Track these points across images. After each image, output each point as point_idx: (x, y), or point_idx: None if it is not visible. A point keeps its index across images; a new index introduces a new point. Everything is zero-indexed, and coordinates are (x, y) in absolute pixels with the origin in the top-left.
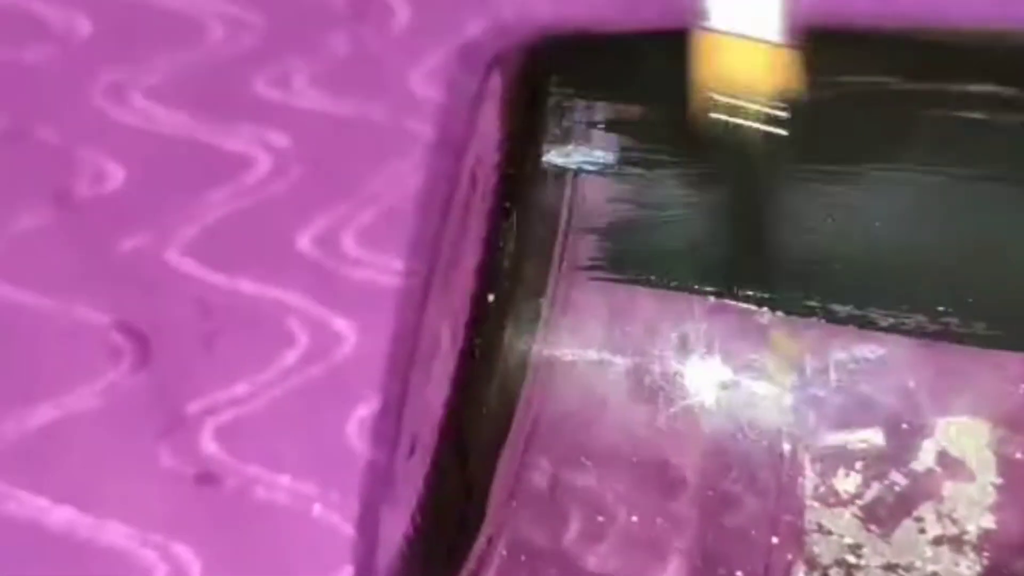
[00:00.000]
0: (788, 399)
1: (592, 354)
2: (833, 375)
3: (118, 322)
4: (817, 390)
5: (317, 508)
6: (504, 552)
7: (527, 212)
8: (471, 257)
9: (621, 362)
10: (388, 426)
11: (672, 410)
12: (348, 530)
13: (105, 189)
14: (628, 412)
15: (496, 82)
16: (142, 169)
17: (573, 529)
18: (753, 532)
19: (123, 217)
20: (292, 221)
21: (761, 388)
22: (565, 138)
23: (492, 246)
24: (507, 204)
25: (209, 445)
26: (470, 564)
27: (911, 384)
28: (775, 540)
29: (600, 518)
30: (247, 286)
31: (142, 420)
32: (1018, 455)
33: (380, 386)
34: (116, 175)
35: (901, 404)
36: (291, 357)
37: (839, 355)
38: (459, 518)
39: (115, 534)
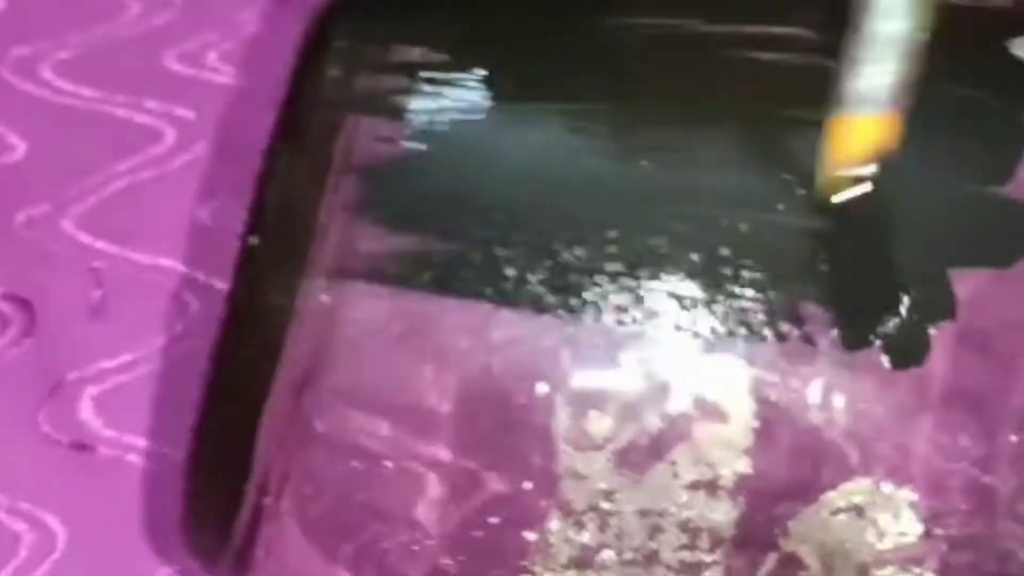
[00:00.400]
0: (543, 340)
1: (357, 298)
2: (588, 315)
3: (5, 292)
4: (572, 329)
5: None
6: (278, 497)
7: (299, 153)
8: None
9: (382, 306)
10: None
11: (430, 354)
12: None
13: (7, 160)
14: (390, 356)
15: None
16: (45, 142)
17: (342, 469)
18: (506, 477)
19: (22, 189)
20: (192, 194)
21: (516, 329)
22: (344, 81)
23: (261, 186)
24: (278, 144)
25: (86, 413)
26: (246, 510)
27: None
28: (528, 486)
29: (364, 460)
30: (140, 256)
31: (25, 388)
32: (772, 398)
33: None
34: (18, 147)
35: (654, 344)
36: (179, 327)
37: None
38: (229, 462)
39: None
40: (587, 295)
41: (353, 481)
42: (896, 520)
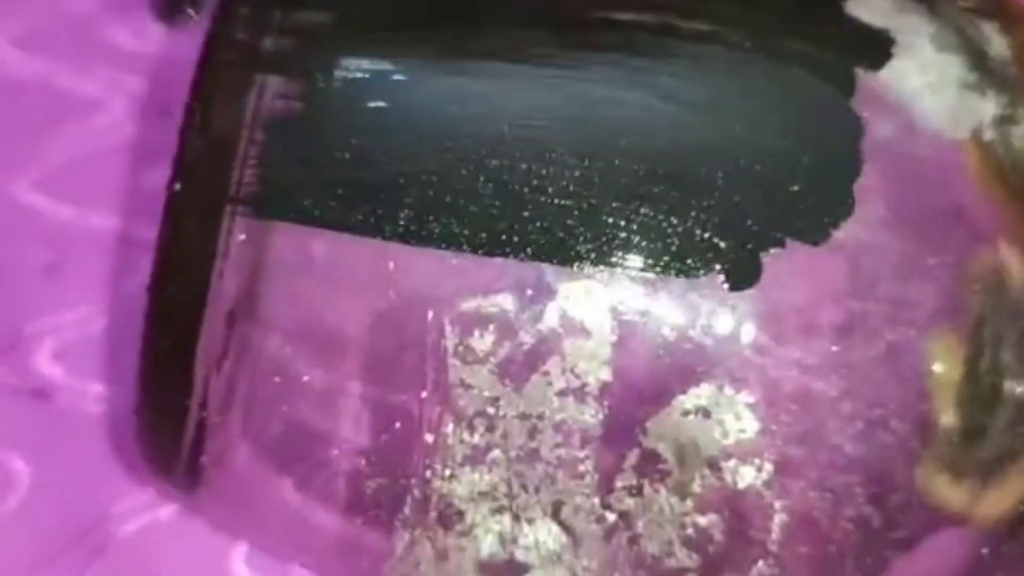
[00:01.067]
0: (432, 271)
1: (273, 236)
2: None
3: None
4: (455, 260)
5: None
6: (223, 413)
7: (214, 109)
8: None
9: (297, 243)
10: None
11: (339, 287)
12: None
13: None
14: (307, 290)
15: None
16: None
17: (274, 389)
18: (407, 389)
19: None
20: (142, 161)
21: (409, 263)
22: (250, 43)
23: (182, 138)
24: (195, 102)
25: (45, 363)
26: (190, 426)
27: None
28: (424, 394)
29: (292, 383)
30: (94, 219)
31: None
32: (628, 317)
33: None
34: None
35: (527, 271)
36: (132, 284)
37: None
38: (172, 382)
39: None
40: (464, 234)
41: (283, 400)
42: (737, 419)
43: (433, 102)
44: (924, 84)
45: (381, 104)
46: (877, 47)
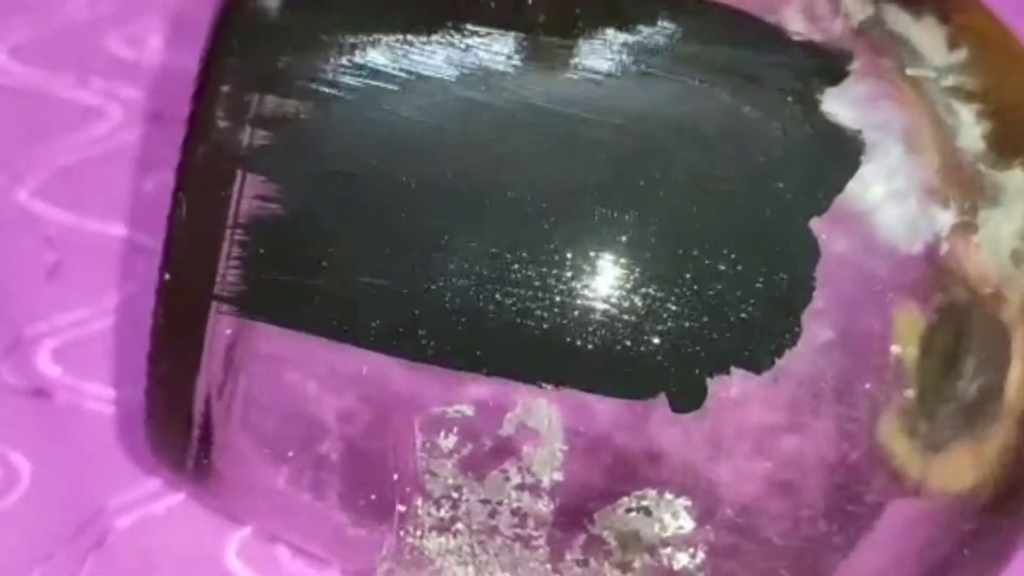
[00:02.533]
0: (405, 378)
1: (255, 331)
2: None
3: None
4: (424, 370)
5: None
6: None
7: (194, 203)
8: None
9: (277, 338)
10: None
11: (313, 380)
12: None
13: None
14: (279, 376)
15: None
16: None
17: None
18: (380, 472)
19: None
20: (139, 167)
21: (382, 368)
22: (231, 133)
23: (170, 227)
24: (179, 193)
25: (45, 363)
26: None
27: None
28: (395, 476)
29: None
30: (92, 224)
31: None
32: (580, 428)
33: None
34: None
35: (490, 384)
36: (130, 287)
37: None
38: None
39: None
40: (434, 349)
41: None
42: (675, 518)
43: (408, 211)
44: (888, 192)
45: (356, 213)
46: (847, 155)
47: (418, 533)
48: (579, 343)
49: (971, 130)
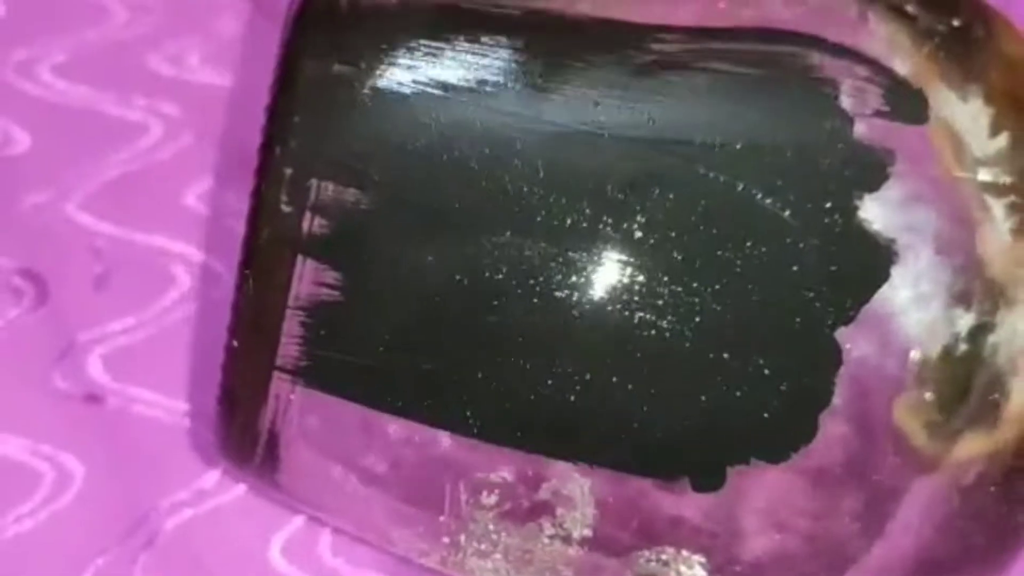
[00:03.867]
0: (447, 444)
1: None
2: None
3: (21, 268)
4: (469, 442)
5: (187, 422)
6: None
7: (258, 282)
8: None
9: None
10: None
11: (372, 439)
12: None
13: (12, 152)
14: (337, 437)
15: None
16: (47, 135)
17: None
18: (428, 511)
19: (28, 177)
20: (180, 180)
21: (430, 436)
22: (294, 218)
23: (236, 303)
24: (244, 267)
25: (96, 370)
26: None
27: None
28: (443, 519)
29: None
30: (137, 236)
31: (40, 350)
32: (610, 499)
33: None
34: (23, 140)
35: (532, 462)
36: (173, 296)
37: None
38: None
39: (11, 446)
40: (478, 426)
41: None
42: (690, 568)
43: (456, 304)
44: (913, 297)
45: (410, 302)
46: (879, 266)
47: (459, 556)
48: (613, 429)
49: (1001, 225)
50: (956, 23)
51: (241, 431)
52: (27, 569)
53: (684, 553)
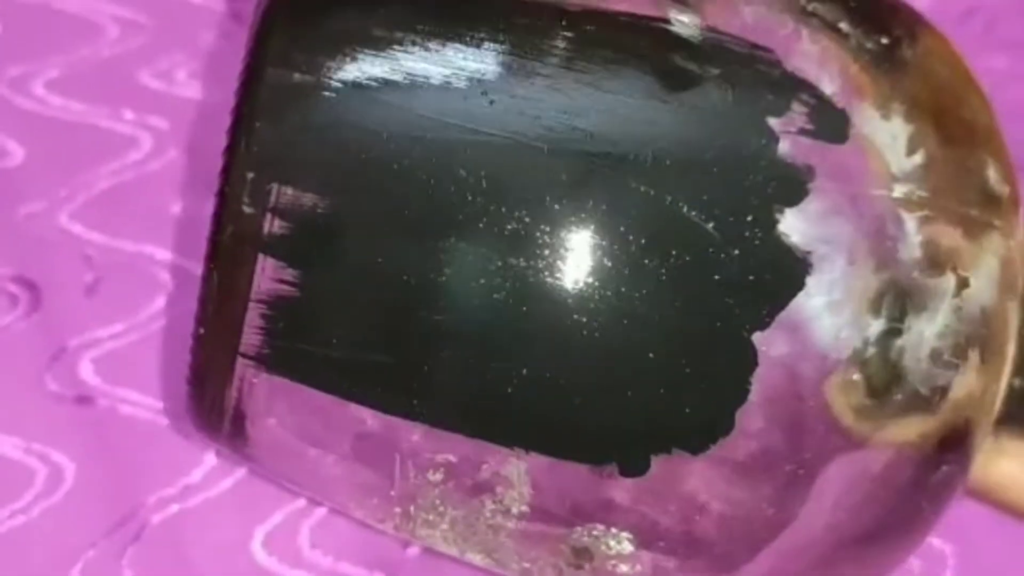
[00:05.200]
0: (396, 425)
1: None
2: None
3: (15, 275)
4: (419, 426)
5: (172, 422)
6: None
7: (222, 275)
8: None
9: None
10: None
11: (326, 421)
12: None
13: (7, 165)
14: (294, 419)
15: None
16: (40, 148)
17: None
18: (380, 483)
19: (22, 188)
20: (168, 191)
21: (381, 419)
22: (254, 220)
23: (202, 296)
24: (209, 262)
25: (86, 372)
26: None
27: None
28: (392, 492)
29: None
30: (127, 245)
31: (33, 353)
32: (545, 481)
33: None
34: (18, 153)
35: (473, 446)
36: (161, 302)
37: None
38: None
39: (5, 445)
40: (425, 412)
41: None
42: (619, 543)
43: (410, 297)
44: (826, 303)
45: (364, 301)
46: (794, 276)
47: (411, 525)
48: (548, 419)
49: (912, 239)
50: (885, 41)
51: (209, 408)
52: (21, 562)
53: (614, 530)
